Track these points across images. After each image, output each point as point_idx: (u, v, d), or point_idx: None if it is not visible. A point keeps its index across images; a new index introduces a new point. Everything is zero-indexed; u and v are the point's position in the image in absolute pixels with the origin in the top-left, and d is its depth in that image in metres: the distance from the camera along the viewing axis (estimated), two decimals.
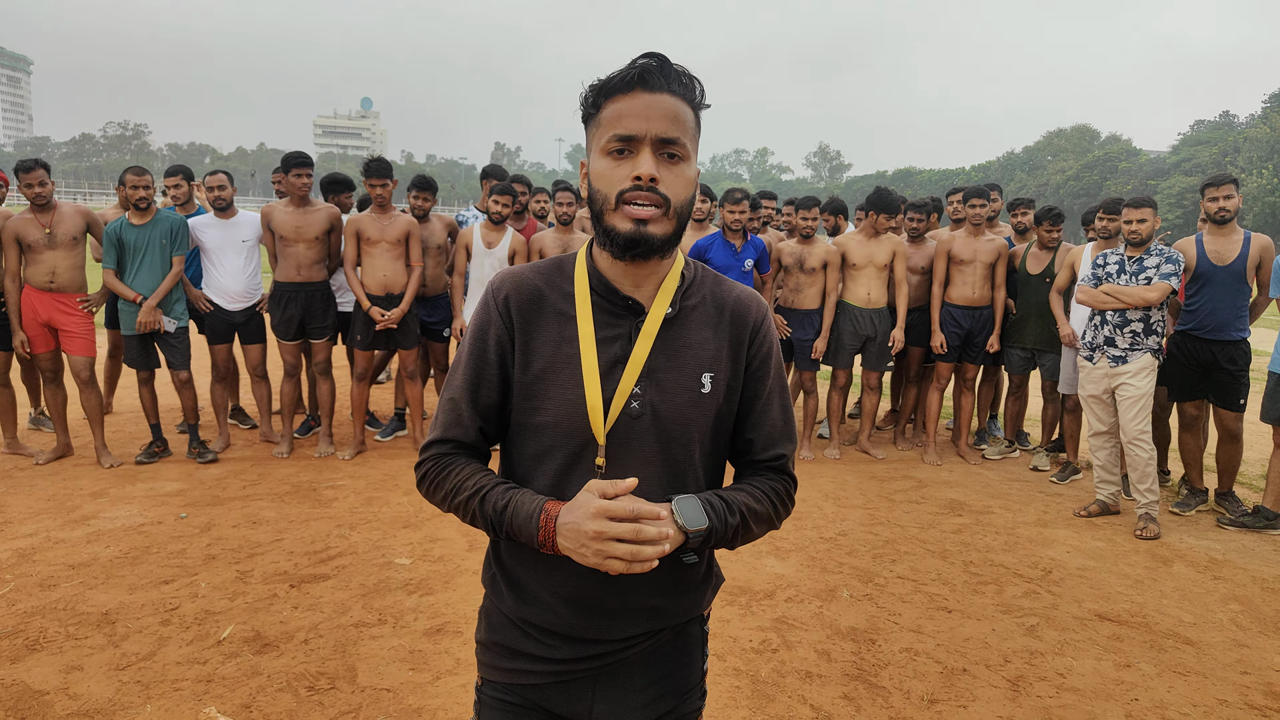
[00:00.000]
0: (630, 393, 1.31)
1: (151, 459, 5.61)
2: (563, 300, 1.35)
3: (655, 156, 1.23)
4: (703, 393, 1.35)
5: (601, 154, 1.26)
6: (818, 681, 3.18)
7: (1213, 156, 60.26)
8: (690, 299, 1.38)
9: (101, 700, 2.88)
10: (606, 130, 1.25)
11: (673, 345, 1.35)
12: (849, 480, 5.85)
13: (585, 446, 1.31)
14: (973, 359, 6.35)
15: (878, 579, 4.17)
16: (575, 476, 1.32)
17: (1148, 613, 3.90)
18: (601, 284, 1.34)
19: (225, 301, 5.84)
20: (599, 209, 1.27)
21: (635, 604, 1.36)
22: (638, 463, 1.32)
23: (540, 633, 1.38)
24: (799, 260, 6.22)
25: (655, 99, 1.23)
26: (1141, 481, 4.96)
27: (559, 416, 1.31)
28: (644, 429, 1.32)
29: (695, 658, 1.50)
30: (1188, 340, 5.22)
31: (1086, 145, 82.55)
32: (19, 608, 3.53)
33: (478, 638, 1.49)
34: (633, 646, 1.40)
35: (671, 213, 1.25)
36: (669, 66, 1.25)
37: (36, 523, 4.48)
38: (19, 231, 5.24)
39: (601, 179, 1.26)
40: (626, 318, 1.34)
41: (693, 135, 1.28)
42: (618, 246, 1.26)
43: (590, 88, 1.29)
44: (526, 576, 1.38)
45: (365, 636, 3.39)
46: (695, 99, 1.28)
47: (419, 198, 6.03)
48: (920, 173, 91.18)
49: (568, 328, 1.33)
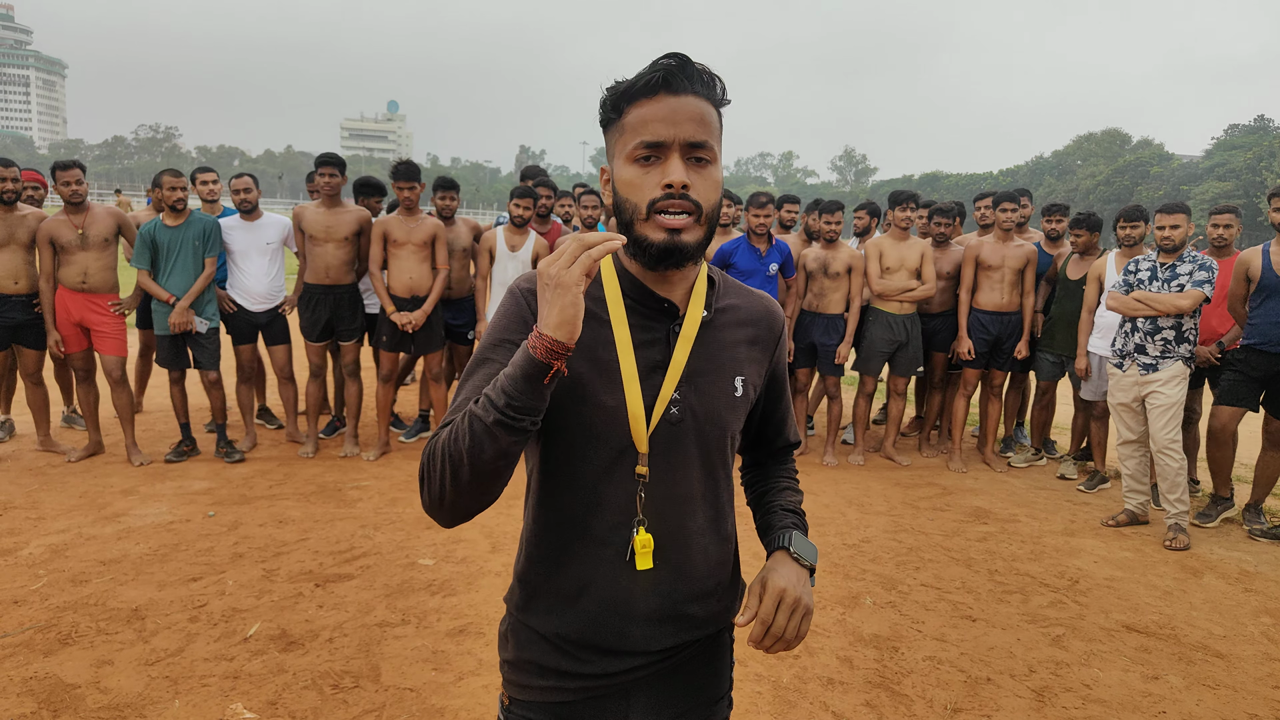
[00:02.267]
0: (670, 398, 1.28)
1: (180, 458, 5.68)
2: (593, 303, 1.30)
3: (684, 162, 1.20)
4: (736, 396, 1.35)
5: (628, 161, 1.22)
6: (840, 688, 3.17)
7: (1247, 161, 59.28)
8: (722, 302, 1.38)
9: (131, 695, 2.93)
10: (632, 137, 1.21)
11: (709, 349, 1.33)
12: (873, 486, 5.82)
13: (623, 454, 1.27)
14: (1000, 365, 6.29)
15: (901, 586, 4.15)
16: (614, 487, 1.28)
17: (1176, 624, 3.85)
18: (634, 287, 1.30)
19: (249, 302, 5.91)
20: (629, 218, 1.23)
21: (671, 613, 1.33)
22: (677, 466, 1.30)
23: (575, 647, 1.33)
24: (823, 265, 6.19)
25: (680, 102, 1.19)
26: (1171, 491, 4.89)
27: (596, 424, 1.26)
28: (683, 434, 1.30)
29: (725, 666, 1.48)
30: (1253, 355, 4.98)
31: (1117, 150, 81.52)
32: (52, 602, 3.59)
33: (504, 656, 1.43)
34: (669, 658, 1.37)
35: (704, 219, 1.22)
36: (691, 66, 1.21)
37: (69, 519, 4.56)
38: (53, 233, 5.34)
39: (630, 188, 1.22)
40: (662, 321, 1.31)
41: (718, 136, 1.25)
42: (652, 258, 1.22)
43: (609, 92, 1.25)
44: (557, 587, 1.33)
45: (389, 636, 3.42)
46: (718, 98, 1.25)
47: (444, 198, 6.07)
48: (947, 177, 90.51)
49: (602, 331, 1.28)
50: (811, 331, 6.29)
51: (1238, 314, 5.17)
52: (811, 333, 6.29)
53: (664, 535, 1.30)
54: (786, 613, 1.26)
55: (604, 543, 1.29)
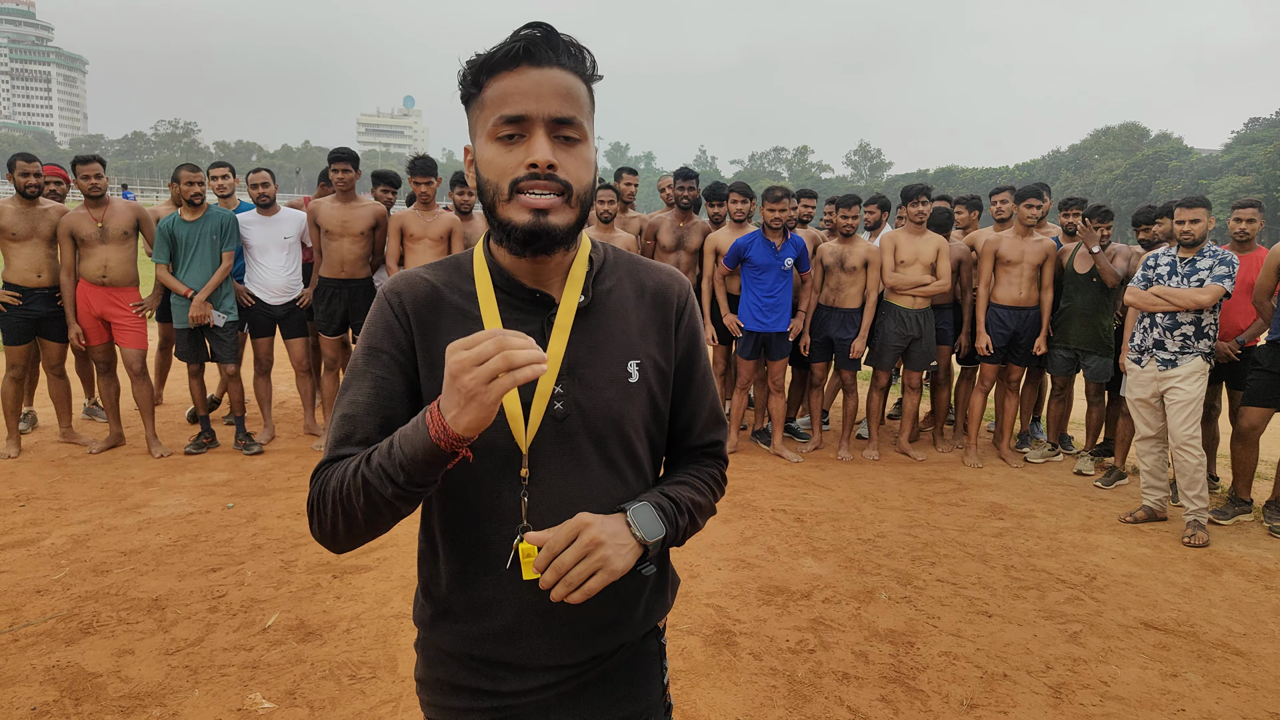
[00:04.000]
0: (551, 393, 1.19)
1: (200, 450, 5.74)
2: (463, 299, 1.23)
3: (550, 140, 1.11)
4: (631, 382, 1.24)
5: (488, 139, 1.12)
6: (855, 683, 3.16)
7: (1268, 155, 58.55)
8: (604, 283, 1.27)
9: (151, 683, 2.96)
10: (492, 111, 1.11)
11: (591, 336, 1.23)
12: (888, 481, 5.80)
13: (508, 458, 1.19)
14: (1018, 360, 6.26)
15: (916, 581, 4.13)
16: (501, 492, 1.20)
17: (1195, 622, 3.82)
18: (503, 279, 1.22)
19: (267, 296, 5.95)
20: (490, 200, 1.14)
21: (589, 619, 1.24)
22: (571, 468, 1.21)
23: (484, 665, 1.26)
24: (839, 259, 6.17)
25: (545, 74, 1.10)
26: (1190, 488, 4.85)
27: None
28: (572, 430, 1.20)
29: (655, 673, 1.38)
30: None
31: (1135, 144, 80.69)
32: (74, 592, 3.64)
33: (416, 675, 1.35)
34: (587, 671, 1.28)
35: (574, 200, 1.14)
36: (556, 37, 1.12)
37: (90, 510, 4.61)
38: (73, 227, 5.40)
39: (491, 167, 1.13)
40: (536, 312, 1.22)
41: (588, 113, 1.16)
42: (516, 242, 1.13)
43: (468, 64, 1.14)
44: (460, 603, 1.25)
45: (405, 627, 3.44)
46: (587, 72, 1.16)
47: (462, 193, 6.10)
48: (962, 171, 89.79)
49: (471, 328, 1.19)
50: (828, 325, 6.28)
51: (1263, 308, 5.11)
52: (828, 327, 6.28)
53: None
54: (579, 550, 1.08)
55: (501, 554, 1.21)
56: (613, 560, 1.10)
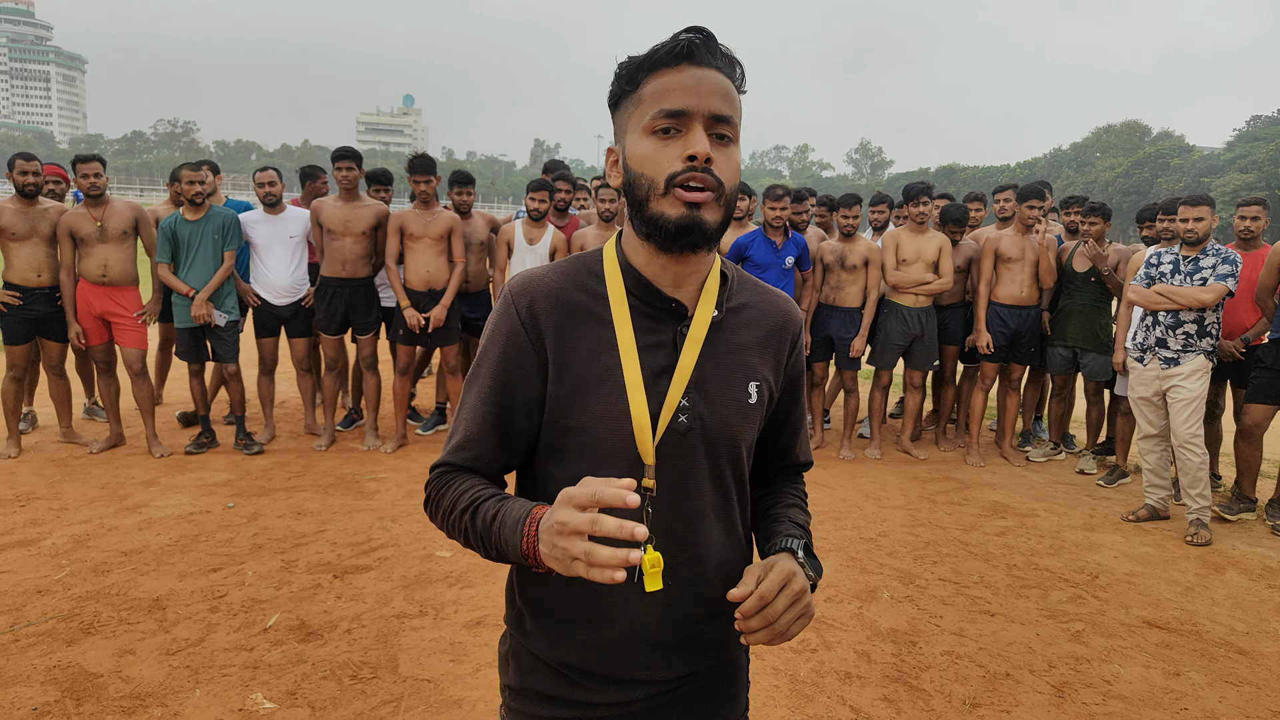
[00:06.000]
0: (678, 405, 1.18)
1: (200, 449, 5.73)
2: (595, 303, 1.20)
3: (708, 136, 1.11)
4: (750, 403, 1.25)
5: (644, 133, 1.12)
6: (857, 682, 3.16)
7: (1270, 153, 58.50)
8: (734, 301, 1.27)
9: (152, 684, 2.96)
10: (651, 106, 1.11)
11: (719, 352, 1.23)
12: (890, 480, 5.79)
13: (630, 467, 1.18)
14: (1019, 359, 6.25)
15: (918, 580, 4.13)
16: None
17: (1198, 620, 3.81)
18: (638, 284, 1.20)
19: (272, 296, 5.94)
20: (643, 195, 1.13)
21: (686, 636, 1.24)
22: (686, 480, 1.21)
23: (581, 676, 1.24)
24: (840, 258, 6.17)
25: (705, 74, 1.11)
26: (1193, 486, 4.84)
27: (600, 435, 1.17)
28: (692, 444, 1.20)
29: (740, 688, 1.39)
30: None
31: (1136, 142, 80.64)
32: (74, 592, 3.63)
33: (505, 681, 1.33)
34: (683, 685, 1.28)
35: (723, 199, 1.13)
36: (714, 42, 1.13)
37: (91, 510, 4.60)
38: (73, 226, 5.39)
39: (646, 161, 1.12)
40: (668, 322, 1.20)
41: (740, 117, 1.17)
42: (667, 235, 1.12)
43: (626, 62, 1.15)
44: (561, 611, 1.24)
45: (407, 628, 3.43)
46: (738, 81, 1.17)
47: (461, 193, 6.08)
48: (964, 169, 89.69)
49: (604, 334, 1.18)
50: (829, 324, 6.27)
51: (1266, 306, 5.09)
52: (829, 326, 6.28)
53: (675, 553, 1.20)
54: (789, 598, 1.10)
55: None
56: (810, 601, 1.14)
